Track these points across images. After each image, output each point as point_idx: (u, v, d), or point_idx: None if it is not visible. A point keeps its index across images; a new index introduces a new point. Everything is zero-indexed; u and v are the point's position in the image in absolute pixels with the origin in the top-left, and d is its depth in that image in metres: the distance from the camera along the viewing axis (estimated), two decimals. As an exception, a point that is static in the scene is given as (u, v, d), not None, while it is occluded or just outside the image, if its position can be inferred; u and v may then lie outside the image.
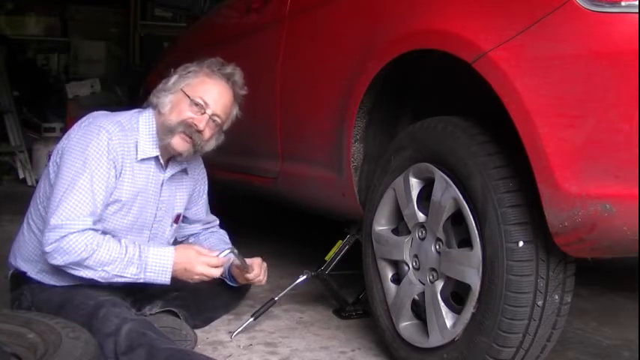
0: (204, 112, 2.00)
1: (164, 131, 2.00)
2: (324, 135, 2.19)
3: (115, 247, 1.89)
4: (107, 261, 1.88)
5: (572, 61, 1.32)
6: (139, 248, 1.93)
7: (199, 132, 1.99)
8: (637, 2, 1.25)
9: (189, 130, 1.99)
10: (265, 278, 2.21)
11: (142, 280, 1.94)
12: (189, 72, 2.05)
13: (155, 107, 2.04)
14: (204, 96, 2.00)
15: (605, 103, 1.28)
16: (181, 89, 2.01)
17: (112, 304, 1.88)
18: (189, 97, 1.99)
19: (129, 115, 2.05)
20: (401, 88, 1.99)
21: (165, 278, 1.95)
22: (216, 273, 2.02)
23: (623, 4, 1.26)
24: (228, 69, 2.08)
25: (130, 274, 1.91)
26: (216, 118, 2.03)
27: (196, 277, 1.98)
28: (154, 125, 2.03)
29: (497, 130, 1.59)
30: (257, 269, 2.16)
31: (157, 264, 1.93)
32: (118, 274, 1.91)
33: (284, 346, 2.07)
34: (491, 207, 1.53)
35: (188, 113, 1.99)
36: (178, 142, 2.00)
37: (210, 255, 2.01)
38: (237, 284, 2.25)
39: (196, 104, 1.99)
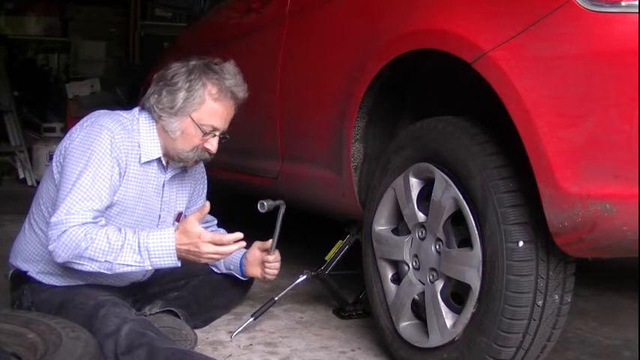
0: (215, 135, 2.02)
1: (178, 159, 2.04)
2: (324, 135, 2.19)
3: (114, 235, 1.85)
4: (107, 249, 1.83)
5: (572, 61, 1.33)
6: (138, 235, 1.88)
7: (211, 154, 2.04)
8: (637, 2, 1.25)
9: (204, 155, 2.04)
10: (279, 270, 2.20)
11: (150, 267, 1.89)
12: (192, 93, 1.97)
13: (157, 121, 2.01)
14: (214, 123, 2.00)
15: (605, 103, 1.29)
16: (190, 116, 1.98)
17: (112, 304, 1.88)
18: (198, 126, 1.98)
19: (130, 115, 2.04)
20: (401, 88, 2.00)
21: (172, 261, 1.88)
22: (226, 250, 1.92)
23: (623, 4, 1.26)
24: (230, 80, 2.01)
25: (134, 261, 1.86)
26: (223, 134, 2.05)
27: (204, 257, 1.91)
28: (155, 130, 2.02)
29: (497, 130, 1.59)
30: (277, 254, 2.18)
31: (159, 248, 1.87)
32: (122, 262, 1.85)
33: (284, 346, 2.07)
34: (491, 207, 1.53)
35: (199, 140, 2.00)
36: (192, 163, 2.09)
37: (212, 233, 1.94)
38: (245, 277, 2.24)
39: (207, 132, 2.00)
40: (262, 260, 2.18)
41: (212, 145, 2.01)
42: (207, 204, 1.99)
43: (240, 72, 2.07)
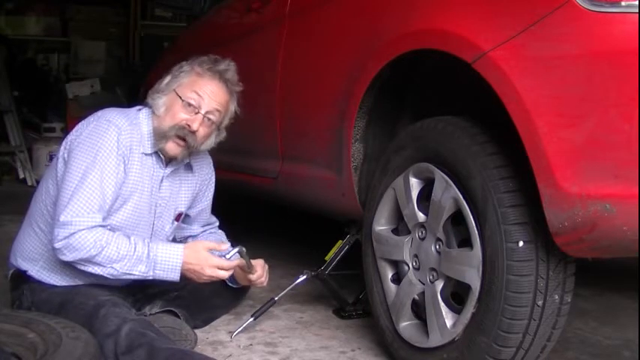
0: (198, 112, 2.00)
1: (158, 136, 2.01)
2: (324, 135, 2.19)
3: (123, 244, 1.89)
4: (116, 258, 1.88)
5: (572, 61, 1.33)
6: (148, 246, 1.92)
7: (193, 132, 1.99)
8: (637, 2, 1.25)
9: (183, 131, 1.99)
10: (267, 280, 2.21)
11: (150, 278, 1.94)
12: (181, 72, 2.05)
13: (151, 108, 2.04)
14: (196, 95, 2.00)
15: (605, 103, 1.29)
16: (174, 90, 2.01)
17: (113, 304, 1.88)
18: (181, 97, 1.99)
19: (133, 111, 2.06)
20: (401, 88, 2.00)
21: (174, 276, 1.95)
22: (225, 275, 2.02)
23: (623, 4, 1.26)
24: (221, 65, 2.06)
25: (138, 271, 1.91)
26: (210, 117, 2.02)
27: (204, 278, 1.98)
28: (152, 124, 2.03)
29: (497, 130, 1.59)
30: (260, 270, 2.16)
31: (166, 262, 1.93)
32: (127, 271, 1.90)
33: (284, 346, 2.07)
34: (491, 207, 1.53)
35: (182, 115, 1.99)
36: (171, 147, 2.01)
37: (221, 258, 2.00)
38: (237, 285, 2.25)
39: (189, 104, 1.99)
40: (247, 278, 2.18)
41: (193, 121, 1.99)
42: (227, 244, 2.06)
43: (237, 69, 2.08)
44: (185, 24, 6.20)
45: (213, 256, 1.99)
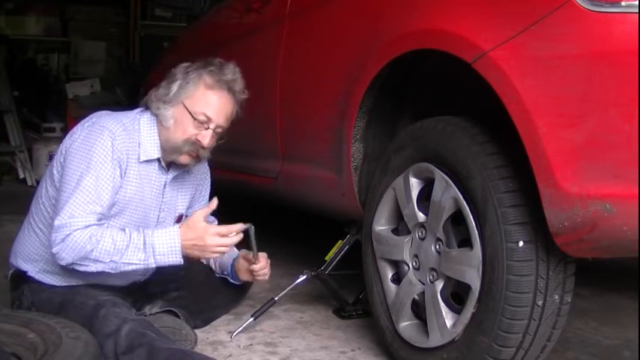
0: (208, 127, 1.99)
1: (170, 149, 2.00)
2: (324, 135, 2.19)
3: (118, 235, 1.87)
4: (113, 250, 1.85)
5: (572, 61, 1.33)
6: (143, 233, 1.89)
7: (204, 148, 1.99)
8: (637, 2, 1.25)
9: (195, 146, 1.98)
10: (269, 274, 2.20)
11: (154, 265, 1.90)
12: (188, 82, 1.99)
13: (156, 116, 2.03)
14: (206, 111, 1.97)
15: (605, 103, 1.29)
16: (182, 103, 1.98)
17: (113, 304, 1.88)
18: (191, 113, 1.96)
19: (131, 116, 2.03)
20: (401, 88, 2.00)
21: (176, 258, 1.90)
22: (230, 242, 1.95)
23: (623, 4, 1.26)
24: (229, 75, 2.02)
25: (138, 260, 1.88)
26: (219, 129, 2.01)
27: (208, 251, 1.93)
28: (155, 129, 2.01)
29: (497, 130, 1.59)
30: (263, 261, 2.16)
31: (165, 245, 1.89)
32: (127, 261, 1.87)
33: (284, 346, 2.07)
34: (491, 207, 1.53)
35: (192, 130, 1.97)
36: (185, 159, 2.01)
37: (218, 226, 1.97)
38: (239, 282, 2.24)
39: (200, 121, 1.97)
40: (250, 269, 2.18)
41: (204, 137, 1.97)
42: (215, 200, 2.00)
43: (241, 73, 2.07)
44: (185, 24, 6.20)
45: (211, 225, 1.95)
